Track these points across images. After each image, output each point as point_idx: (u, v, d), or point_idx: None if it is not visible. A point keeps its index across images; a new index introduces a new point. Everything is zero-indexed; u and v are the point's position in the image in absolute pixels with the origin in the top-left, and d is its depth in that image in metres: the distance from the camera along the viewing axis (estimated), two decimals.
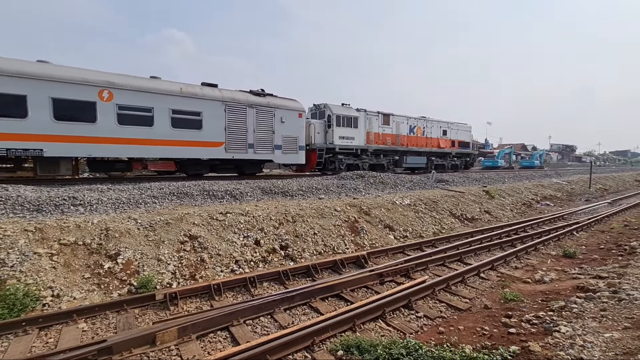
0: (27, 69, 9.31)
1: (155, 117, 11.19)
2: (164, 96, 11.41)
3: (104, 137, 10.36)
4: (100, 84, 10.32)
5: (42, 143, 9.46)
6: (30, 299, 4.54)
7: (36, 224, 5.75)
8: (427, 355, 3.53)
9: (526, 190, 18.08)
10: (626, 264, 6.70)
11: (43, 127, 9.45)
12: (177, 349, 3.89)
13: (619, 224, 11.55)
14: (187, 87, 12.10)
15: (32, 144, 9.33)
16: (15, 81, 9.02)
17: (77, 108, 9.95)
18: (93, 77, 10.31)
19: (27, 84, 9.18)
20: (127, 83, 10.81)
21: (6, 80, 8.91)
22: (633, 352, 3.04)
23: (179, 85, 11.96)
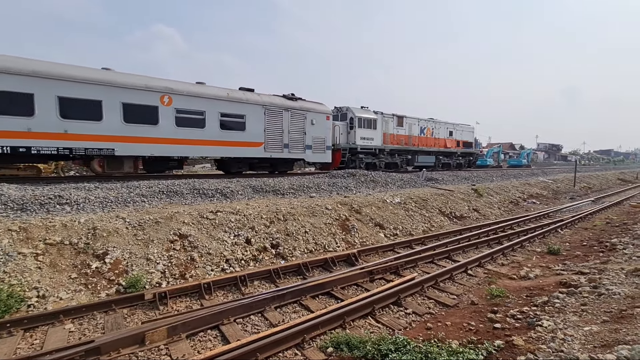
0: (102, 77, 10.44)
1: (207, 120, 12.39)
2: (214, 101, 12.58)
3: (164, 137, 11.50)
4: (162, 90, 11.46)
5: (114, 143, 10.59)
6: (14, 300, 4.45)
7: (20, 223, 5.62)
8: (415, 350, 3.60)
9: (513, 188, 18.46)
10: (607, 260, 6.94)
11: (115, 129, 10.56)
12: (167, 348, 3.87)
13: (602, 221, 11.91)
14: (233, 92, 13.40)
15: (106, 144, 10.46)
16: (95, 88, 10.18)
17: (142, 112, 11.08)
18: (155, 83, 11.44)
19: (103, 91, 10.30)
20: (183, 89, 12.00)
21: (88, 87, 10.08)
22: (610, 345, 3.16)
23: (226, 90, 13.24)
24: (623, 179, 34.44)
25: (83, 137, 10.05)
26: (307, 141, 15.50)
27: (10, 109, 9.01)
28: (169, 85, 11.69)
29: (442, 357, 3.38)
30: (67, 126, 9.79)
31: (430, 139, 23.54)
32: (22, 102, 9.14)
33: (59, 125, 9.68)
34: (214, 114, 12.57)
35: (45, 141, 9.56)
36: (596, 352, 3.04)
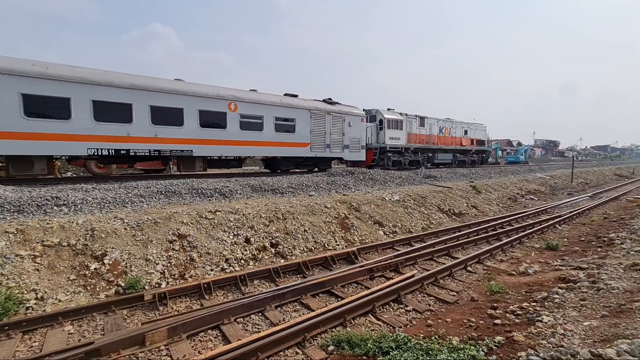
0: (184, 88, 11.96)
1: (264, 124, 13.92)
2: (270, 106, 14.14)
3: (231, 140, 13.02)
4: (229, 98, 12.94)
5: (192, 145, 12.08)
6: (12, 303, 4.42)
7: (17, 225, 5.58)
8: (416, 347, 3.61)
9: (511, 185, 18.52)
10: (605, 255, 6.97)
11: (193, 133, 12.02)
12: (167, 349, 3.86)
13: (599, 216, 11.97)
14: (284, 99, 14.95)
15: (186, 146, 11.95)
16: (178, 98, 11.73)
17: (214, 117, 12.60)
18: (224, 92, 12.93)
19: (184, 100, 11.83)
20: (246, 97, 13.55)
21: (173, 98, 11.63)
22: (610, 339, 3.18)
23: (279, 97, 14.84)
24: (620, 174, 34.63)
25: (169, 141, 11.60)
26: (345, 141, 17.04)
27: (116, 117, 10.55)
28: (234, 93, 13.25)
29: (443, 354, 3.39)
30: (156, 131, 11.30)
31: (448, 137, 24.96)
32: (124, 111, 10.66)
33: (150, 130, 11.19)
34: (270, 118, 14.14)
35: (140, 144, 11.08)
36: (596, 346, 3.05)
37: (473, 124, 27.99)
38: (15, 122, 9.12)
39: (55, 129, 9.70)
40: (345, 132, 16.96)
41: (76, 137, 9.99)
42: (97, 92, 10.14)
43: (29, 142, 9.36)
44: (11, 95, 9.01)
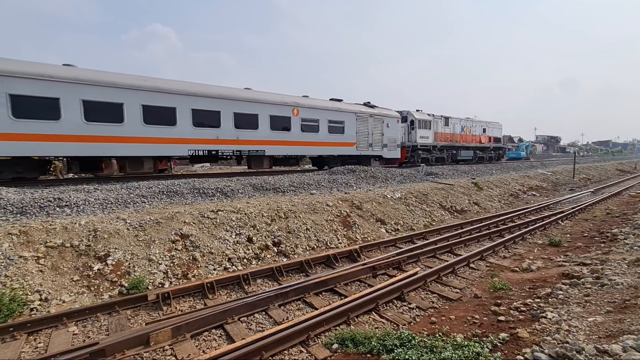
0: (258, 96, 13.94)
1: (320, 126, 15.89)
2: (324, 111, 16.09)
3: (294, 141, 14.89)
4: (292, 104, 14.89)
5: (265, 146, 13.99)
6: (17, 304, 4.44)
7: (20, 226, 5.59)
8: (420, 345, 3.60)
9: (513, 181, 18.47)
10: (608, 250, 6.95)
11: (265, 135, 13.93)
12: (172, 348, 3.87)
13: (602, 212, 11.94)
14: (335, 104, 17.07)
15: (260, 147, 13.88)
16: (255, 105, 13.68)
17: (282, 121, 14.46)
18: (288, 99, 14.93)
19: (259, 107, 13.77)
20: (305, 102, 15.52)
21: (251, 105, 13.54)
22: (615, 335, 3.17)
23: (331, 103, 16.90)
24: (622, 169, 34.51)
25: (247, 142, 13.50)
26: (384, 141, 18.98)
27: (208, 123, 12.46)
28: (296, 100, 15.22)
29: (447, 351, 3.38)
30: (238, 134, 13.16)
31: (469, 136, 26.94)
32: (214, 117, 12.60)
33: (234, 133, 13.06)
34: (325, 121, 16.02)
35: (226, 146, 12.95)
36: (601, 342, 3.04)
37: (490, 123, 29.96)
38: (137, 129, 11.05)
39: (165, 133, 11.59)
40: (384, 133, 18.92)
41: (180, 141, 11.90)
42: (196, 102, 12.16)
43: (146, 145, 11.22)
44: (135, 107, 10.95)
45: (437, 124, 23.31)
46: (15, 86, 9.09)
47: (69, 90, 9.88)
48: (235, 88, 13.83)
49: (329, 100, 16.88)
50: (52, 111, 9.65)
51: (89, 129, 10.23)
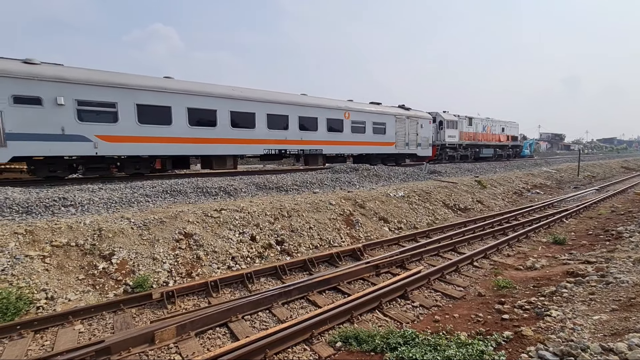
0: (316, 102, 15.68)
1: (366, 128, 17.62)
2: (369, 114, 17.88)
3: (345, 141, 16.70)
4: (344, 108, 16.66)
5: (322, 146, 15.75)
6: (23, 302, 4.49)
7: (26, 226, 5.65)
8: (424, 343, 3.60)
9: (517, 179, 18.37)
10: (613, 248, 6.89)
11: (323, 136, 15.74)
12: (176, 346, 3.90)
13: (606, 210, 11.84)
14: (379, 107, 18.77)
15: (319, 147, 15.62)
16: (314, 110, 15.42)
17: (336, 124, 16.26)
18: (341, 104, 16.75)
19: (318, 111, 15.60)
20: (355, 107, 17.30)
21: (311, 110, 15.27)
22: (620, 333, 3.15)
23: (375, 106, 18.69)
24: (627, 167, 34.19)
25: (308, 142, 15.19)
26: (418, 140, 20.61)
27: (279, 126, 14.19)
28: (347, 105, 17.10)
29: (452, 349, 3.38)
30: (302, 135, 14.93)
31: (490, 135, 28.65)
32: (283, 121, 14.33)
33: (298, 135, 14.78)
34: (370, 123, 17.75)
35: (292, 146, 14.71)
36: (607, 340, 3.02)
37: (508, 122, 31.80)
38: (226, 132, 12.77)
39: (246, 135, 13.30)
40: (418, 133, 20.60)
41: (257, 141, 13.66)
42: (270, 108, 13.92)
43: (232, 145, 12.99)
44: (225, 112, 12.67)
45: (462, 124, 25.07)
46: (140, 97, 10.82)
47: (178, 100, 11.61)
48: (299, 95, 15.72)
49: (370, 104, 18.89)
50: (165, 117, 11.39)
51: (192, 132, 11.93)
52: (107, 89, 10.26)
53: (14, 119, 8.95)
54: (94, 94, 10.06)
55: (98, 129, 10.16)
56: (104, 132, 10.28)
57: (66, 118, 9.67)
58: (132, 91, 10.64)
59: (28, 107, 9.15)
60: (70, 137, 9.76)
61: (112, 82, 10.37)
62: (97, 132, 10.16)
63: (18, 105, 9.02)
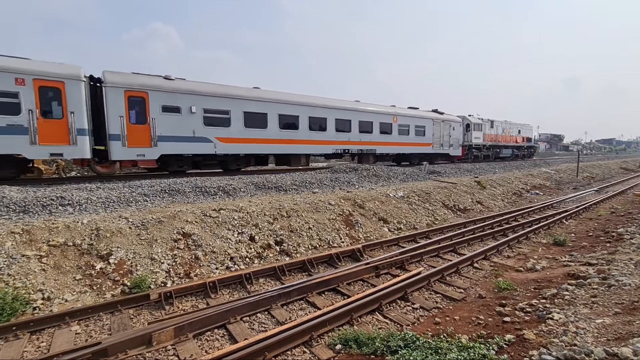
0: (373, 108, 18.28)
1: (410, 130, 20.10)
2: (412, 118, 20.43)
3: (393, 142, 19.24)
4: (393, 113, 19.19)
5: (376, 146, 18.20)
6: (19, 303, 4.43)
7: (23, 225, 5.59)
8: (425, 346, 3.56)
9: (516, 180, 18.36)
10: (614, 250, 6.87)
11: (376, 138, 18.17)
12: (174, 348, 3.85)
13: (606, 211, 11.83)
14: (418, 112, 21.46)
15: (373, 147, 18.12)
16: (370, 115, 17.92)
17: (386, 127, 18.70)
18: (390, 110, 19.33)
19: (373, 116, 17.98)
20: (401, 112, 19.93)
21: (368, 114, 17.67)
22: (624, 337, 3.11)
23: (415, 111, 21.37)
24: (626, 167, 34.24)
25: (365, 143, 17.61)
26: (450, 141, 23.24)
27: (344, 129, 16.63)
28: (396, 110, 19.74)
29: (453, 353, 3.34)
30: (361, 137, 17.37)
31: (508, 136, 31.19)
32: (347, 125, 16.77)
33: (358, 137, 17.23)
34: (413, 126, 20.31)
35: (354, 146, 17.06)
36: (610, 345, 2.99)
37: (524, 125, 34.36)
38: (305, 134, 15.09)
39: (320, 137, 15.63)
40: (450, 134, 23.19)
41: (328, 142, 16.04)
42: (337, 114, 16.34)
43: (310, 145, 15.26)
44: (305, 117, 14.97)
45: (485, 126, 27.58)
46: (246, 106, 13.27)
47: (272, 108, 13.98)
48: (359, 102, 18.38)
49: (408, 108, 21.42)
50: (263, 122, 13.72)
51: (281, 135, 14.26)
52: (224, 99, 12.69)
53: (162, 124, 11.28)
54: (215, 103, 12.46)
55: (217, 132, 12.55)
56: (221, 134, 12.66)
57: (196, 123, 12.04)
58: (241, 101, 13.10)
59: (171, 114, 11.50)
60: (199, 139, 12.13)
61: (227, 93, 12.86)
62: (216, 134, 12.55)
63: (165, 113, 11.34)
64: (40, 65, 9.59)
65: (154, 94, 11.05)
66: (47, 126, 9.48)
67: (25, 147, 9.22)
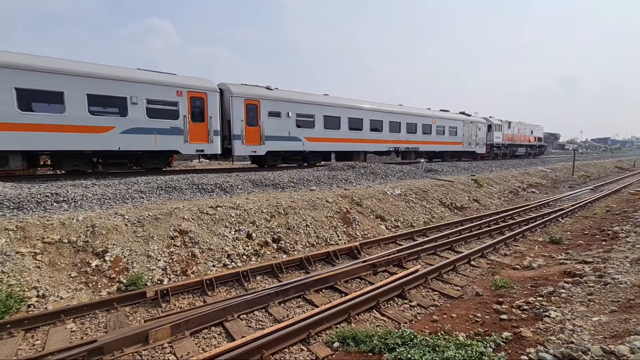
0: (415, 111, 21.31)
1: (445, 131, 23.36)
2: (447, 120, 23.63)
3: (432, 141, 22.38)
4: (432, 116, 22.41)
5: (419, 145, 21.18)
6: (14, 300, 4.38)
7: (17, 222, 5.52)
8: (422, 344, 3.56)
9: (513, 178, 18.44)
10: (610, 248, 6.92)
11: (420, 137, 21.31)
12: (171, 346, 3.82)
13: (602, 209, 11.92)
14: (451, 114, 24.56)
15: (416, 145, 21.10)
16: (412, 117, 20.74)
17: (426, 128, 21.73)
18: (429, 113, 22.59)
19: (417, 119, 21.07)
20: (438, 115, 23.18)
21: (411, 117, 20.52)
22: (621, 335, 3.13)
23: (450, 114, 24.61)
24: (620, 166, 34.54)
25: (409, 142, 20.57)
26: (476, 141, 26.65)
27: (395, 130, 19.52)
28: (433, 113, 22.89)
29: (451, 351, 3.34)
30: (407, 137, 20.36)
31: (522, 136, 34.18)
32: (397, 127, 19.69)
33: (405, 137, 20.20)
34: (447, 127, 23.49)
35: (402, 144, 19.96)
36: (607, 343, 3.00)
37: (535, 126, 37.44)
38: (367, 135, 17.98)
39: (377, 137, 18.56)
40: (477, 134, 26.58)
41: (384, 141, 19.07)
42: (390, 117, 19.24)
43: (370, 144, 18.38)
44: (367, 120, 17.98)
45: (504, 127, 30.57)
46: (326, 111, 16.23)
47: (344, 112, 16.86)
48: (405, 106, 21.24)
49: (440, 111, 24.48)
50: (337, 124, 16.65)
51: (350, 135, 17.16)
52: (310, 105, 15.64)
53: (268, 127, 14.08)
54: (304, 109, 15.38)
55: (305, 133, 15.37)
56: (308, 134, 15.47)
57: (291, 126, 14.82)
58: (322, 106, 16.07)
59: (274, 118, 14.28)
60: (292, 138, 14.92)
61: (312, 100, 15.84)
62: (304, 134, 15.38)
63: (270, 117, 14.14)
64: (191, 80, 12.24)
65: (264, 102, 13.93)
66: (195, 128, 12.15)
67: (180, 145, 11.89)
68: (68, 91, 9.78)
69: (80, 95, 9.97)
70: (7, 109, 9.04)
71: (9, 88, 9.03)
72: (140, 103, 11.03)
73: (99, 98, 10.27)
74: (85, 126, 10.09)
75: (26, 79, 9.21)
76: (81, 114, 10.02)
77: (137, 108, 10.99)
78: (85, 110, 10.09)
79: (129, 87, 10.81)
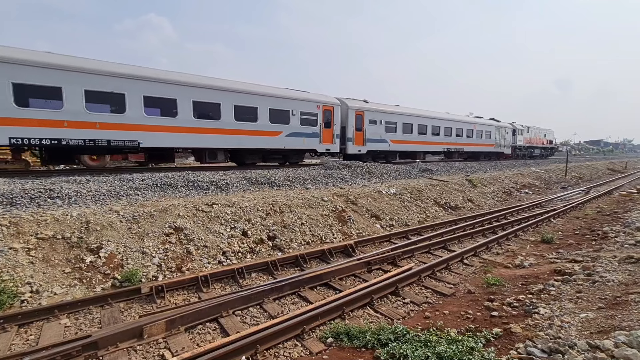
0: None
1: (482, 135, 27.58)
2: (484, 125, 27.88)
3: (474, 143, 26.55)
4: (473, 122, 26.60)
5: (464, 146, 25.57)
6: (7, 296, 4.36)
7: (10, 217, 5.48)
8: (415, 340, 3.62)
9: (507, 179, 18.64)
10: (599, 248, 7.06)
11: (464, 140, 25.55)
12: (166, 341, 3.84)
13: (593, 210, 12.12)
14: (485, 120, 28.82)
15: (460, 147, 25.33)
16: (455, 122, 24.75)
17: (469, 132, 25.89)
18: (471, 120, 26.84)
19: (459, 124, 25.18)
20: (477, 121, 27.40)
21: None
22: (607, 331, 3.22)
23: (484, 120, 28.87)
24: (612, 168, 35.05)
25: (459, 144, 24.95)
26: (505, 143, 30.82)
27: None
28: (475, 120, 27.32)
29: (442, 346, 3.41)
30: (457, 140, 24.47)
31: (537, 139, 38.64)
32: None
33: (455, 139, 24.44)
34: (481, 131, 27.48)
35: (452, 146, 24.07)
36: (593, 338, 3.09)
37: (547, 130, 41.89)
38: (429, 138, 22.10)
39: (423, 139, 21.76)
40: (505, 137, 30.83)
41: (440, 143, 23.18)
42: (445, 123, 23.44)
43: (418, 145, 21.46)
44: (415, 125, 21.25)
45: (524, 131, 34.93)
46: (403, 119, 20.23)
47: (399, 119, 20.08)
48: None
49: (475, 117, 28.58)
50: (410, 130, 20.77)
51: (418, 138, 21.27)
52: (394, 114, 19.73)
53: (368, 131, 18.08)
54: (391, 117, 19.45)
55: (390, 136, 19.52)
56: (392, 138, 19.66)
57: (382, 131, 18.91)
58: (401, 115, 20.22)
59: (372, 125, 18.30)
60: (382, 141, 19.00)
61: (395, 111, 20.00)
62: (390, 137, 19.50)
63: (369, 124, 18.14)
64: (324, 97, 16.67)
65: (367, 112, 18.10)
66: (325, 133, 16.32)
67: (317, 145, 16.04)
68: (261, 108, 13.99)
69: (265, 110, 14.15)
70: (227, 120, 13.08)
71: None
72: (297, 115, 15.11)
73: (275, 112, 14.43)
74: (268, 131, 14.28)
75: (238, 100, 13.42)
76: (267, 124, 14.20)
77: (295, 118, 15.06)
78: (268, 121, 14.23)
79: (291, 103, 15.01)
